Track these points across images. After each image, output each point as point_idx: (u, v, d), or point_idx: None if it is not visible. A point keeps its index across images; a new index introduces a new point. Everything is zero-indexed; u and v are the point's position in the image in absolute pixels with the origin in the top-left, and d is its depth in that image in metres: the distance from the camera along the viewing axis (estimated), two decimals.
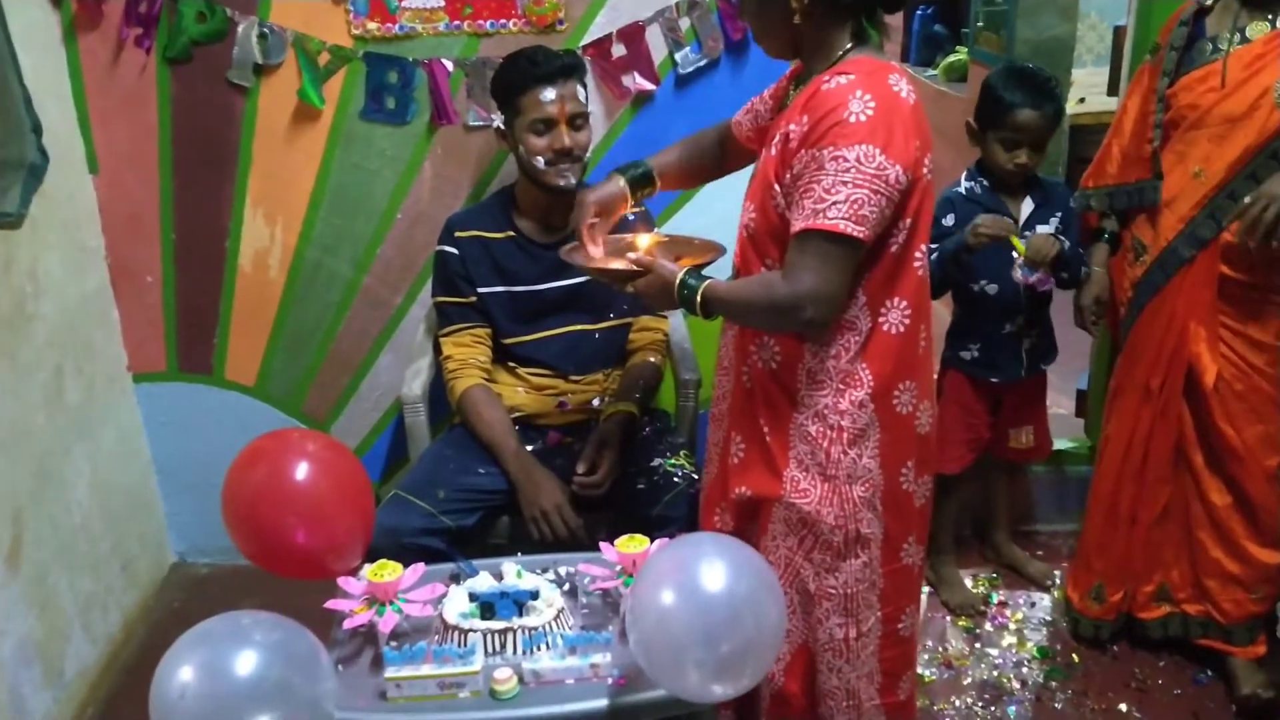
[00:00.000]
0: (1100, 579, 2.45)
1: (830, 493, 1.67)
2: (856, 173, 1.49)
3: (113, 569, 2.59)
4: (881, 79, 1.54)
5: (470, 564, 1.88)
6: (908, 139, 1.52)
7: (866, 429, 1.66)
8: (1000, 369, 2.53)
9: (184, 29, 2.42)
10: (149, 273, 2.64)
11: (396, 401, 2.61)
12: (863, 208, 1.50)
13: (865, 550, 1.71)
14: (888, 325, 1.64)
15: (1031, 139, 2.37)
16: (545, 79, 2.18)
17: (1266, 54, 2.09)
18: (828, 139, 1.50)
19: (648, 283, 1.74)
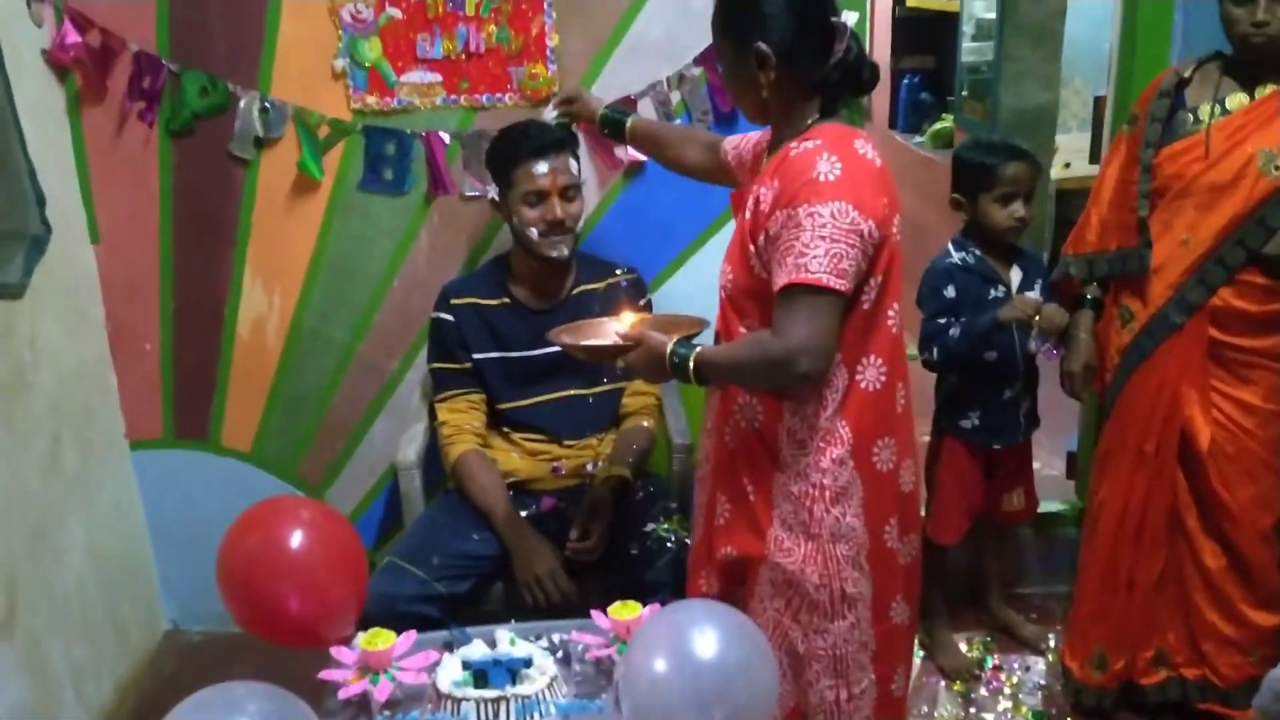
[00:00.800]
0: (1101, 646, 2.43)
1: (814, 552, 1.69)
2: (833, 227, 1.54)
3: (106, 636, 2.59)
4: (847, 143, 1.61)
5: (464, 631, 1.89)
6: (876, 196, 1.59)
7: (848, 487, 1.68)
8: (1002, 434, 2.56)
9: (186, 103, 2.48)
10: (147, 340, 2.67)
11: (391, 467, 2.62)
12: (841, 261, 1.54)
13: (852, 610, 1.72)
14: (865, 382, 1.67)
15: (1024, 189, 2.44)
16: (538, 152, 2.24)
17: (1247, 124, 2.14)
18: (800, 197, 1.55)
19: (638, 355, 1.76)
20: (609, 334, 1.88)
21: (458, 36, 2.46)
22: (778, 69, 1.63)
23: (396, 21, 2.45)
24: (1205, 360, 2.23)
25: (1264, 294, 2.17)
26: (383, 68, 2.48)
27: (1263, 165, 2.11)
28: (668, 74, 2.52)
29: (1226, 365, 2.23)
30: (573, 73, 2.51)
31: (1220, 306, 2.19)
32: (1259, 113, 2.14)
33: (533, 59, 2.49)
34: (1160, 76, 2.29)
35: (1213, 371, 2.24)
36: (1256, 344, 2.21)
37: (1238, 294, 2.18)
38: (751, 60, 1.63)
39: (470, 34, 2.46)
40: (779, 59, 1.62)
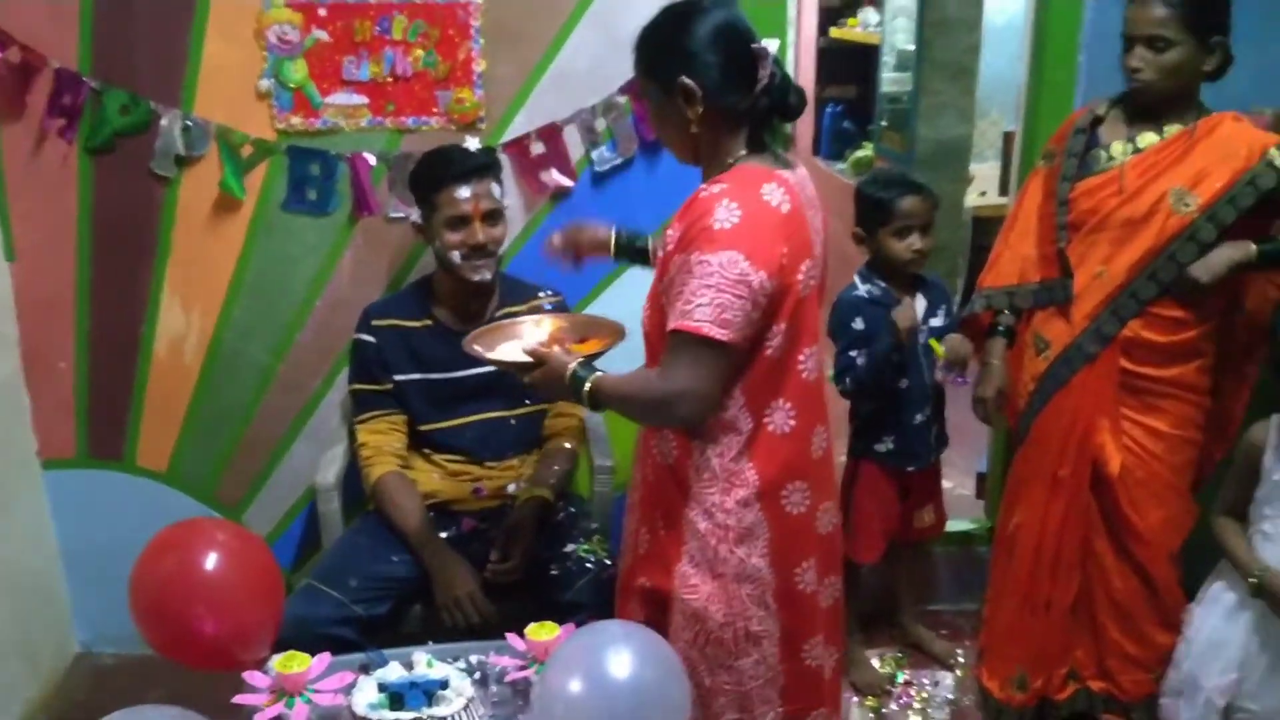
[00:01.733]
0: (1021, 667, 2.49)
1: (719, 590, 1.70)
2: (720, 278, 1.54)
3: (15, 659, 2.54)
4: (754, 188, 1.60)
5: (380, 654, 1.89)
6: (773, 245, 1.58)
7: (754, 528, 1.70)
8: (916, 457, 2.64)
9: (107, 120, 2.46)
10: (62, 359, 2.63)
11: (310, 489, 2.61)
12: (725, 311, 1.55)
13: (757, 647, 1.74)
14: (773, 426, 1.68)
15: (920, 222, 2.52)
16: (460, 177, 2.26)
17: (1159, 162, 2.23)
18: (694, 245, 1.57)
19: (542, 374, 1.77)
20: (524, 338, 1.91)
21: (385, 60, 2.48)
22: (705, 102, 1.63)
23: (323, 44, 2.46)
24: (1117, 389, 2.31)
25: (1173, 325, 2.26)
26: (308, 89, 2.49)
27: (1174, 203, 2.21)
28: (594, 102, 2.56)
29: (1137, 394, 2.31)
30: (500, 99, 2.55)
31: (1131, 338, 2.27)
32: (1169, 151, 2.23)
33: (460, 84, 2.52)
34: (1076, 114, 2.39)
35: (1124, 400, 2.32)
36: (1165, 373, 2.29)
37: (1147, 325, 2.27)
38: (678, 97, 1.64)
39: (397, 58, 2.48)
40: (705, 92, 1.62)
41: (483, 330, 1.99)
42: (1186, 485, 2.38)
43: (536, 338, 1.94)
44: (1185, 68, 2.18)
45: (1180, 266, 2.21)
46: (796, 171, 1.72)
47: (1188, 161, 2.22)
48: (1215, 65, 2.20)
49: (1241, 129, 2.24)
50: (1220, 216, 2.19)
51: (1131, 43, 2.20)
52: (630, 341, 1.87)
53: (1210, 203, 2.19)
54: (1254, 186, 2.18)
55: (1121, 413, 2.33)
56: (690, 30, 1.64)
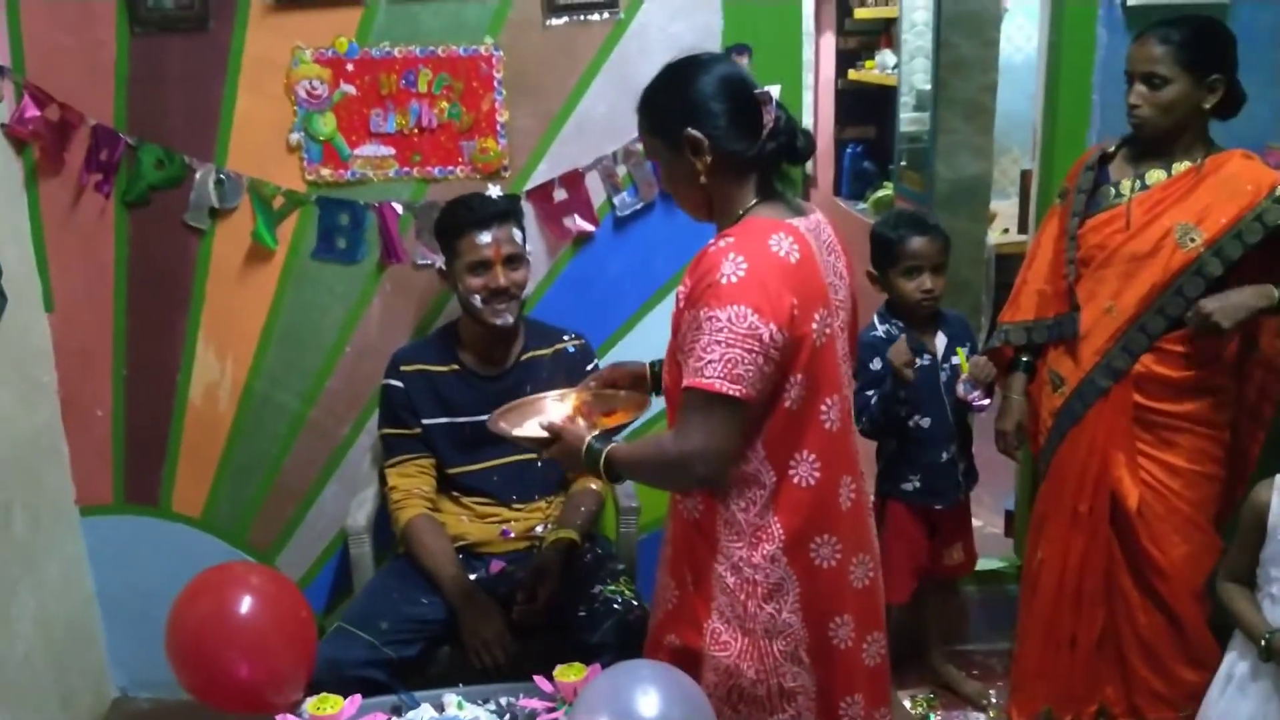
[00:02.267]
0: (1047, 705, 2.49)
1: (749, 647, 1.69)
2: (729, 333, 1.53)
3: (53, 704, 2.57)
4: (761, 240, 1.59)
5: (411, 695, 1.91)
6: (780, 298, 1.56)
7: (782, 582, 1.68)
8: (942, 495, 2.63)
9: (143, 175, 2.53)
10: (99, 407, 2.70)
11: (341, 532, 2.65)
12: (737, 366, 1.54)
13: (792, 704, 1.73)
14: (798, 479, 1.66)
15: (930, 263, 2.53)
16: (481, 224, 2.32)
17: (1165, 199, 2.26)
18: (702, 300, 1.56)
19: (559, 449, 1.79)
20: (548, 413, 1.95)
21: (410, 112, 2.55)
22: (712, 151, 1.64)
23: (350, 98, 2.53)
24: (1131, 424, 2.32)
25: (1184, 361, 2.27)
26: (337, 141, 2.56)
27: (1179, 238, 2.23)
28: (614, 149, 2.61)
29: (1152, 429, 2.32)
30: (522, 147, 2.60)
31: (1143, 373, 2.29)
32: (1176, 188, 2.26)
33: (483, 134, 2.58)
34: (1088, 152, 2.42)
35: (1139, 435, 2.33)
36: (1178, 409, 2.30)
37: (1159, 361, 2.28)
38: (686, 150, 1.65)
39: (423, 110, 2.55)
40: (712, 141, 1.63)
41: (509, 406, 2.03)
42: (1208, 520, 2.37)
43: (560, 412, 1.97)
44: (1182, 105, 2.21)
45: (1187, 301, 2.23)
46: (810, 218, 1.72)
47: (1194, 197, 2.24)
48: (1216, 102, 2.23)
49: (1250, 166, 2.25)
50: (1227, 252, 2.21)
51: (1131, 79, 2.24)
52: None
53: (1216, 238, 2.21)
54: (1261, 223, 2.20)
55: (1138, 448, 2.33)
56: (692, 83, 1.66)
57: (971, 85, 3.96)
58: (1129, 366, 2.30)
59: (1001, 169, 4.84)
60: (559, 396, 2.05)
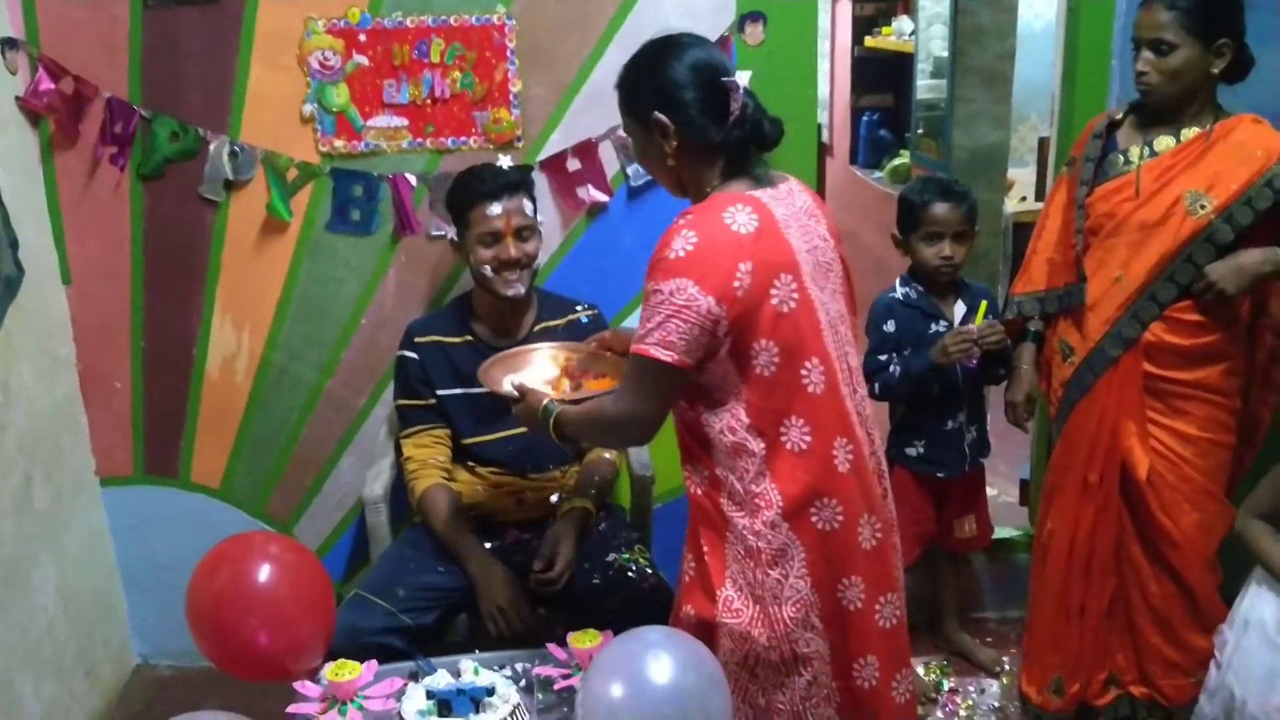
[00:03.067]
0: (1058, 673, 2.49)
1: (760, 614, 1.71)
2: (669, 304, 1.60)
3: (76, 673, 2.61)
4: (716, 215, 1.64)
5: (428, 662, 1.94)
6: (729, 271, 1.60)
7: (786, 548, 1.70)
8: (946, 465, 2.63)
9: (157, 147, 2.54)
10: (118, 379, 2.72)
11: (358, 502, 2.67)
12: (671, 334, 1.61)
13: (808, 668, 1.74)
14: (789, 444, 1.68)
15: (951, 230, 2.52)
16: (491, 195, 2.31)
17: (1174, 165, 2.24)
18: (652, 274, 1.64)
19: (522, 408, 1.89)
20: (535, 366, 2.02)
21: (423, 83, 2.54)
22: (679, 136, 1.68)
23: (363, 69, 2.53)
24: (1141, 393, 2.31)
25: (1194, 329, 2.26)
26: (350, 113, 2.55)
27: (1189, 205, 2.21)
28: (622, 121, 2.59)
29: (1162, 397, 2.31)
30: (536, 118, 2.60)
31: (1153, 342, 2.28)
32: (1185, 154, 2.24)
33: (496, 104, 2.57)
34: (1095, 120, 2.40)
35: (1149, 404, 2.32)
36: (1189, 376, 2.29)
37: (1169, 329, 2.27)
38: (655, 132, 1.70)
39: (435, 80, 2.54)
40: (678, 126, 1.68)
41: (500, 357, 2.08)
42: (1220, 489, 2.37)
43: (548, 369, 2.04)
44: (1190, 71, 2.19)
45: (1198, 269, 2.21)
46: (780, 187, 1.74)
47: (1203, 164, 2.22)
48: (1225, 67, 2.20)
49: (1259, 131, 2.24)
50: (1237, 219, 2.19)
51: (1138, 46, 2.22)
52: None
53: (1226, 205, 2.19)
54: (1271, 188, 2.18)
55: (1148, 417, 2.32)
56: (662, 66, 1.69)
57: (989, 52, 3.93)
58: (1139, 335, 2.28)
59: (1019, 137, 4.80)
60: (551, 353, 2.09)
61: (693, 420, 1.73)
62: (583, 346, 2.11)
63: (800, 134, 2.66)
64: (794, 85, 2.61)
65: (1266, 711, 1.93)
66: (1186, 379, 2.30)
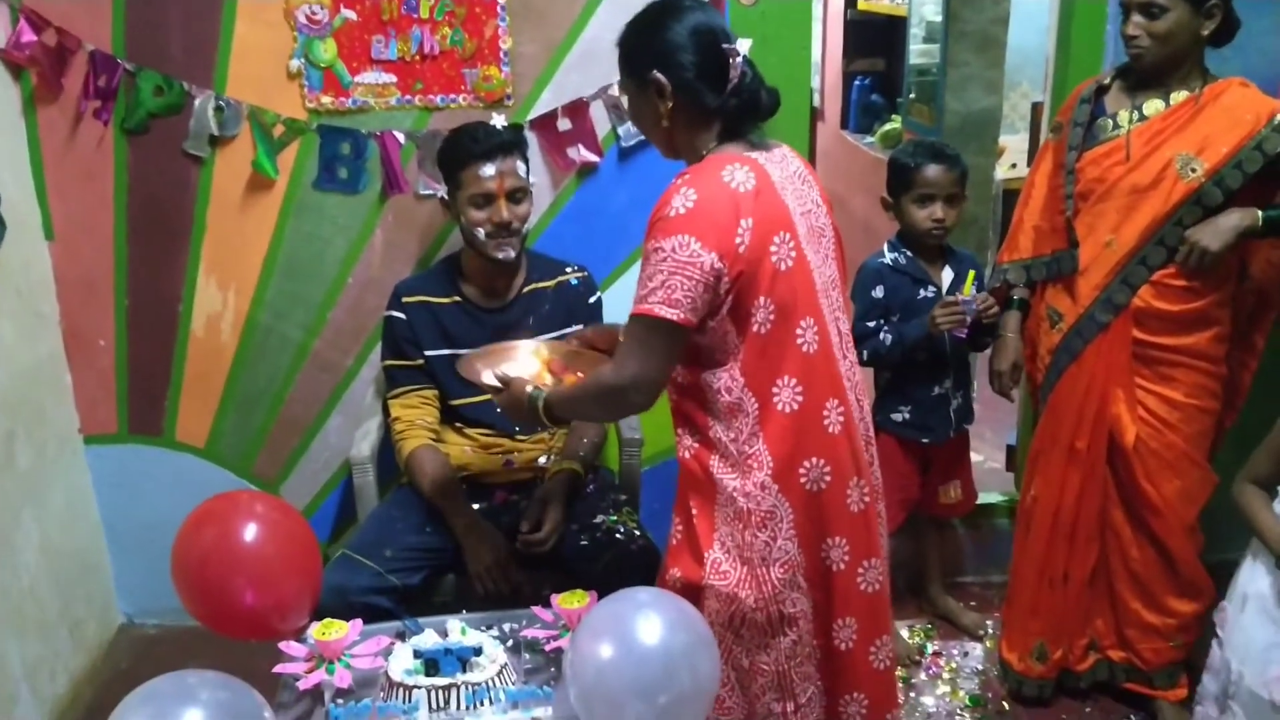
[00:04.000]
0: (1041, 640, 2.52)
1: (748, 575, 1.71)
2: (671, 261, 1.59)
3: (60, 632, 2.61)
4: (714, 173, 1.63)
5: (415, 622, 1.94)
6: (729, 227, 1.60)
7: (775, 509, 1.70)
8: (932, 430, 2.63)
9: (142, 102, 2.50)
10: (102, 337, 2.69)
11: (345, 463, 2.66)
12: (675, 291, 1.59)
13: (793, 628, 1.74)
14: (781, 404, 1.68)
15: (943, 193, 2.51)
16: (485, 155, 2.28)
17: (1165, 129, 2.24)
18: (652, 233, 1.63)
19: (506, 398, 1.88)
20: (518, 362, 2.01)
21: (412, 39, 2.51)
22: (674, 98, 1.68)
23: (351, 24, 2.49)
24: (1130, 360, 2.32)
25: (1184, 294, 2.27)
26: (338, 69, 2.52)
27: (1180, 168, 2.21)
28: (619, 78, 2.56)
29: (1150, 364, 2.32)
30: (526, 76, 2.57)
31: (1142, 307, 2.28)
32: (1175, 118, 2.24)
33: (486, 61, 2.54)
34: (1082, 85, 2.39)
35: (1137, 370, 2.33)
36: (1178, 342, 2.30)
37: (1158, 295, 2.27)
38: (651, 92, 1.69)
39: (424, 36, 2.51)
40: (675, 88, 1.67)
41: (480, 352, 2.07)
42: (1203, 455, 2.38)
43: (529, 364, 2.03)
44: (1180, 33, 2.18)
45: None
46: (773, 151, 1.74)
47: (1193, 127, 2.22)
48: (1214, 29, 2.19)
49: (1248, 94, 2.24)
50: (1227, 181, 2.20)
51: (1127, 10, 2.20)
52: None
53: (1217, 168, 2.19)
54: (1261, 151, 2.19)
55: (1136, 383, 2.33)
56: (664, 27, 1.68)
57: (983, 17, 3.90)
58: (1129, 300, 2.29)
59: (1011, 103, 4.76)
60: (533, 348, 2.09)
61: (690, 382, 1.72)
62: (564, 344, 2.10)
63: (793, 98, 2.62)
64: (788, 48, 2.59)
65: (1266, 684, 1.93)
66: (1175, 345, 2.30)
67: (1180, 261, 2.21)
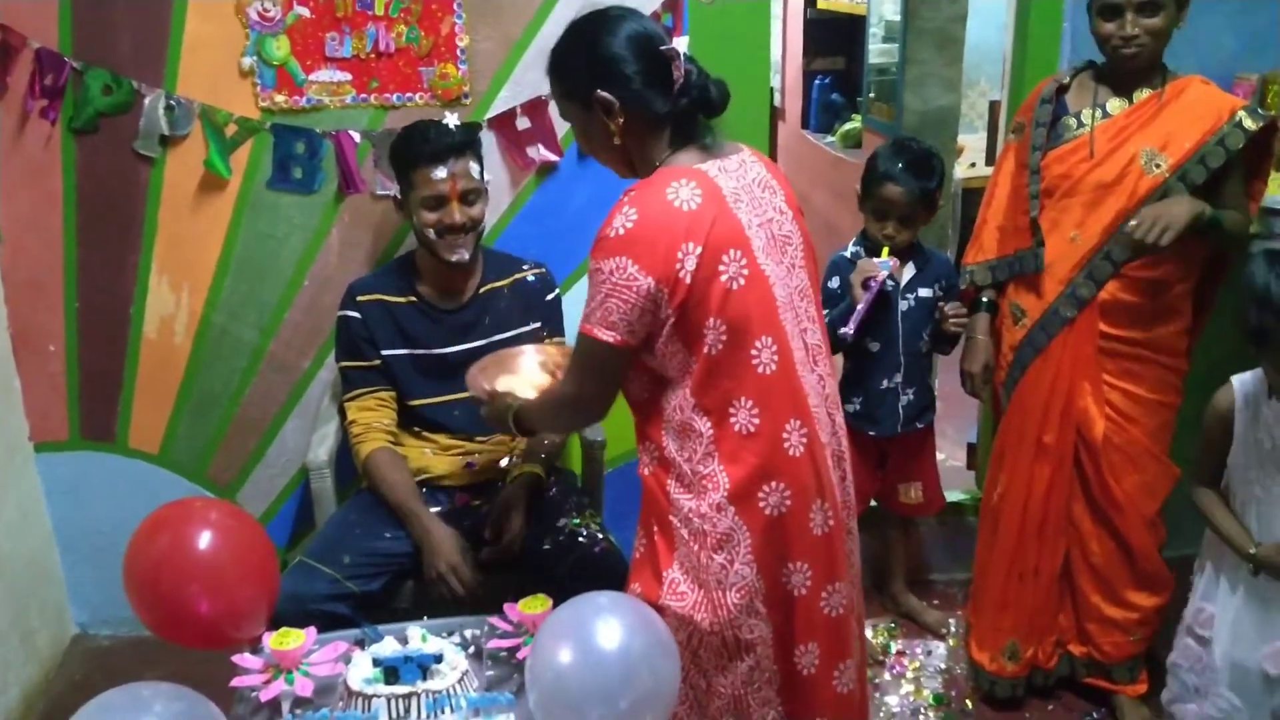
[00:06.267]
0: (1012, 639, 2.51)
1: (704, 599, 1.67)
2: (610, 283, 1.57)
3: (11, 642, 2.55)
4: (659, 191, 1.58)
5: (375, 629, 1.91)
6: (670, 251, 1.55)
7: (732, 532, 1.65)
8: (879, 423, 2.63)
9: (90, 101, 2.45)
10: (51, 341, 2.63)
11: (303, 467, 2.62)
12: (612, 314, 1.58)
13: (750, 654, 1.71)
14: (738, 425, 1.63)
15: (898, 213, 2.50)
16: (436, 157, 2.24)
17: (1128, 125, 2.26)
18: (594, 252, 1.61)
19: (489, 411, 1.93)
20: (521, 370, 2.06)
21: (367, 36, 2.47)
22: (624, 112, 1.62)
23: (304, 20, 2.45)
24: (1097, 353, 2.33)
25: (1149, 287, 2.28)
26: (291, 66, 2.48)
27: (1144, 164, 2.23)
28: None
29: (1115, 358, 2.33)
30: (484, 73, 2.54)
31: (1108, 300, 2.29)
32: (1139, 115, 2.26)
33: (443, 59, 2.51)
34: (1041, 85, 2.40)
35: (1103, 364, 2.34)
36: (1143, 336, 2.31)
37: (1124, 288, 2.28)
38: (598, 111, 1.63)
39: (380, 34, 2.47)
40: (622, 102, 1.62)
41: (489, 360, 2.09)
42: (1163, 449, 2.40)
43: (535, 374, 2.06)
44: (1169, 28, 2.21)
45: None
46: (731, 158, 1.68)
47: (1157, 123, 2.24)
48: None
49: (1209, 91, 2.27)
50: (1191, 176, 2.22)
51: (1116, 10, 2.19)
52: None
53: (1181, 163, 2.21)
54: (1224, 147, 2.21)
55: (1102, 378, 2.34)
56: (598, 43, 1.63)
57: (941, 15, 3.92)
58: (1094, 295, 2.30)
59: (970, 102, 4.81)
60: (540, 358, 2.10)
61: (644, 400, 1.70)
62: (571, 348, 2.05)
63: (753, 96, 2.63)
64: (748, 46, 2.58)
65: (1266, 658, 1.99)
66: (1139, 338, 2.32)
67: (1137, 236, 2.16)
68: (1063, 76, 2.38)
